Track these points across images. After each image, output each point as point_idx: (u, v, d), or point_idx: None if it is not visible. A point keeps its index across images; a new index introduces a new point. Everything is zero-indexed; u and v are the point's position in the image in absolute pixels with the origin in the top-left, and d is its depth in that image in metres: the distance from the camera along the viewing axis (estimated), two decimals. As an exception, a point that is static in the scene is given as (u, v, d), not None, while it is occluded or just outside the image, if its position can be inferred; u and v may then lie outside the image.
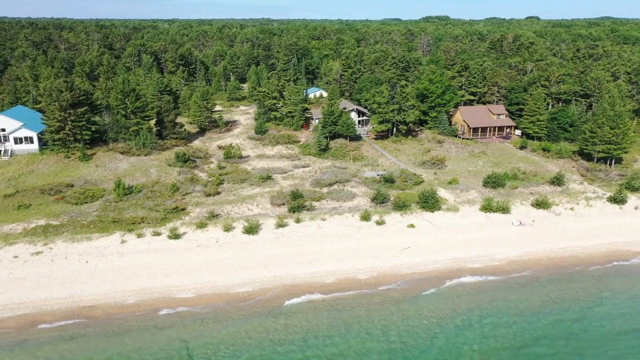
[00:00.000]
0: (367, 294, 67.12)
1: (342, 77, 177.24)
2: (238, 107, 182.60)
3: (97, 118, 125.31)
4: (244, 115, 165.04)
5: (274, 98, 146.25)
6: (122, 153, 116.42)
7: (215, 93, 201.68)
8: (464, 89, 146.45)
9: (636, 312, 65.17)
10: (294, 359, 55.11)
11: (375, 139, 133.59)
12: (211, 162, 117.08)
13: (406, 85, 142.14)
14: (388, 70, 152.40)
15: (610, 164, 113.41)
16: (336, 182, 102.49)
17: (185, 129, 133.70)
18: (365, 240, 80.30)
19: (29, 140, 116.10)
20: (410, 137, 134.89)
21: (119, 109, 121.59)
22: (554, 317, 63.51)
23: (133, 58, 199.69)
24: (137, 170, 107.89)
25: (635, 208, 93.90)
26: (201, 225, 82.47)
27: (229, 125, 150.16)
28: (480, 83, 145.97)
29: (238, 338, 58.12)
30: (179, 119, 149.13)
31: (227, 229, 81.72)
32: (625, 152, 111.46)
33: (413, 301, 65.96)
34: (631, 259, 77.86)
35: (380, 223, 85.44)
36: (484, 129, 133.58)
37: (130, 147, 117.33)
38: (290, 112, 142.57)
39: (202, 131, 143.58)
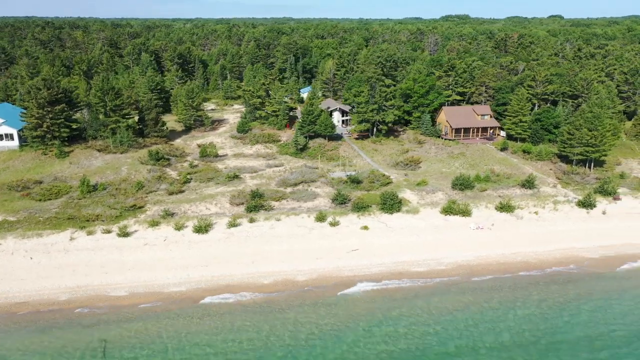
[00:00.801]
0: (299, 296, 66.37)
1: (335, 76, 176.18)
2: (232, 105, 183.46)
3: (78, 116, 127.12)
4: (235, 114, 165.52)
5: (259, 97, 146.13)
6: (99, 151, 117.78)
7: (212, 91, 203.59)
8: (451, 89, 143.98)
9: (562, 320, 62.87)
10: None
11: (357, 138, 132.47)
12: (186, 160, 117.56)
13: (393, 84, 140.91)
14: (375, 69, 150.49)
15: (589, 167, 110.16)
16: (302, 182, 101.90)
17: (167, 127, 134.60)
18: (315, 242, 79.63)
19: (10, 137, 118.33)
20: (392, 137, 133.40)
21: (98, 106, 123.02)
22: (466, 323, 61.81)
23: (132, 57, 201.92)
24: (109, 168, 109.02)
25: (603, 213, 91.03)
26: (153, 224, 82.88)
27: (215, 123, 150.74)
28: (468, 83, 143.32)
29: (155, 336, 58.10)
30: (167, 117, 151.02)
31: (178, 227, 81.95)
32: (603, 155, 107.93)
33: (331, 304, 64.98)
34: (583, 265, 75.27)
35: (334, 224, 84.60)
36: (467, 130, 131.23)
37: (108, 145, 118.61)
38: (274, 111, 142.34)
39: (187, 129, 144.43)
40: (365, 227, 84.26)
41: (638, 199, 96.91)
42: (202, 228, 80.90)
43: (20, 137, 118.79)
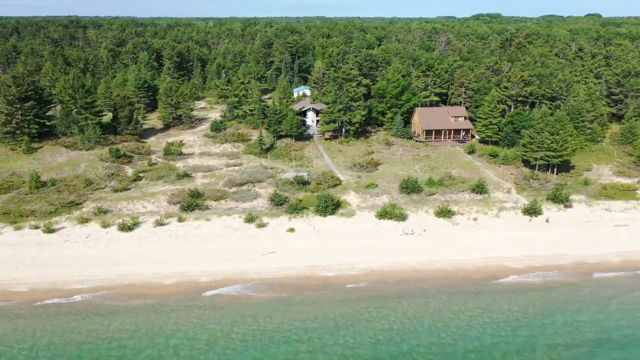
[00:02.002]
0: (192, 298, 66.07)
1: (324, 75, 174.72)
2: (224, 104, 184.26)
3: (52, 112, 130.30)
4: (221, 113, 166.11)
5: (236, 96, 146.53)
6: (66, 147, 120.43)
7: (208, 90, 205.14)
8: (429, 90, 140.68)
9: (452, 334, 60.33)
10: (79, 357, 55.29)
11: (327, 139, 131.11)
12: (150, 158, 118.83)
13: (370, 84, 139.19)
14: (352, 69, 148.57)
15: (553, 172, 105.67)
16: (249, 182, 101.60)
17: (141, 125, 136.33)
18: (235, 243, 79.19)
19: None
20: (363, 138, 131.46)
21: (69, 104, 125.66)
22: (333, 332, 60.23)
23: (129, 55, 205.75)
24: (69, 164, 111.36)
25: (547, 221, 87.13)
26: (83, 221, 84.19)
27: (196, 122, 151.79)
28: (446, 84, 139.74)
29: (35, 334, 58.86)
30: (154, 115, 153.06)
31: (105, 225, 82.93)
32: (562, 160, 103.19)
33: (220, 308, 64.46)
34: (503, 277, 72.20)
35: (260, 226, 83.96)
36: (438, 132, 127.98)
37: (75, 142, 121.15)
38: (251, 110, 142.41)
39: (167, 127, 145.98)
40: (291, 230, 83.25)
41: (591, 207, 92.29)
42: (126, 226, 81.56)
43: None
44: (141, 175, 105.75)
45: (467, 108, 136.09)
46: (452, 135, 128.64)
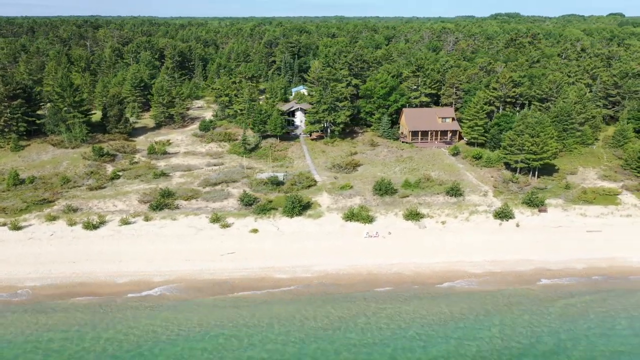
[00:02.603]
0: (136, 298, 66.16)
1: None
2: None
3: (42, 111, 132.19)
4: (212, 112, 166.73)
5: (226, 95, 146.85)
6: (54, 145, 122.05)
7: (207, 89, 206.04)
8: (420, 90, 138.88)
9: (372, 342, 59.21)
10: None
11: (313, 139, 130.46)
12: (133, 157, 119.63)
13: (363, 84, 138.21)
14: (341, 69, 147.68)
15: (534, 175, 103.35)
16: (223, 182, 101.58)
17: (131, 124, 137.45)
18: (197, 243, 79.19)
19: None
20: (350, 138, 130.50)
21: (58, 102, 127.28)
22: (268, 335, 59.76)
23: (131, 54, 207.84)
24: (52, 162, 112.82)
25: (517, 225, 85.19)
26: (51, 218, 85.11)
27: (187, 121, 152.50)
28: (436, 84, 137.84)
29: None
30: (147, 115, 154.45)
31: (72, 223, 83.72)
32: (544, 164, 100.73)
33: (159, 308, 64.42)
34: (459, 279, 70.74)
35: (225, 226, 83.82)
36: (425, 133, 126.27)
37: (62, 140, 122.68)
38: (241, 110, 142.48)
39: (158, 126, 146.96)
40: (255, 230, 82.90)
41: (567, 212, 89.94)
42: (91, 225, 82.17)
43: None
44: (119, 174, 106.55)
45: (457, 109, 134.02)
46: (439, 137, 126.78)
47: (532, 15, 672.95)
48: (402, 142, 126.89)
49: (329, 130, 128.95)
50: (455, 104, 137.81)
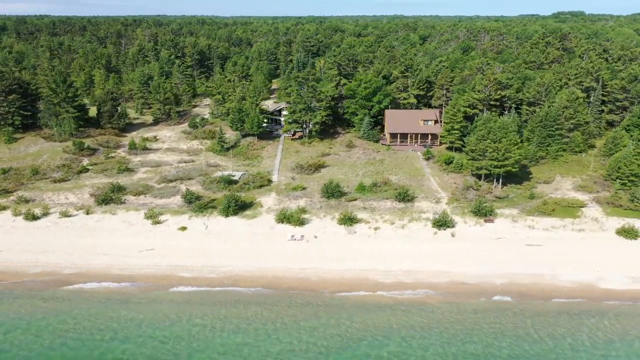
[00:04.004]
0: (36, 289, 68.22)
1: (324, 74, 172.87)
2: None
3: (39, 106, 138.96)
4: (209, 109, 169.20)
5: (219, 93, 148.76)
6: (45, 138, 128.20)
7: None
8: (408, 91, 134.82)
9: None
10: None
11: (295, 139, 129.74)
12: (115, 152, 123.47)
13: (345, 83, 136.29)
14: (330, 69, 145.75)
15: (497, 182, 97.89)
16: (179, 179, 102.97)
17: (124, 120, 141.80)
18: (123, 238, 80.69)
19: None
20: (331, 139, 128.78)
21: (52, 97, 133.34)
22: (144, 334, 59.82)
23: (151, 52, 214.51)
24: (35, 154, 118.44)
25: (452, 235, 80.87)
26: (1, 208, 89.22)
27: (184, 118, 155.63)
28: (424, 85, 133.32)
29: None
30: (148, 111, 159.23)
31: (17, 214, 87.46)
32: (504, 171, 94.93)
33: (55, 300, 66.04)
34: (363, 289, 68.03)
35: (156, 223, 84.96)
36: (404, 136, 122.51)
37: (53, 134, 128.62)
38: (232, 108, 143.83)
39: (156, 122, 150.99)
40: (183, 228, 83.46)
41: (516, 223, 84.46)
42: (31, 215, 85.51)
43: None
44: (89, 167, 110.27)
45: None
46: (419, 140, 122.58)
47: (599, 13, 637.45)
48: (382, 144, 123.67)
49: (307, 130, 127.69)
50: (445, 106, 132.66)
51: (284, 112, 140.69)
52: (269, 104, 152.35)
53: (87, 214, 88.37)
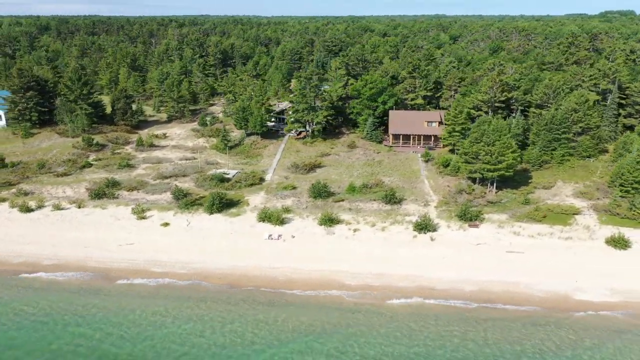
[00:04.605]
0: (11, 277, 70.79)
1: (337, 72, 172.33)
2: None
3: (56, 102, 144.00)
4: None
5: (230, 92, 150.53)
6: (59, 134, 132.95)
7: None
8: (416, 92, 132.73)
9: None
10: None
11: (299, 138, 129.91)
12: (123, 148, 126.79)
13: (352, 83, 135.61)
14: (338, 69, 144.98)
15: (492, 186, 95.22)
16: (174, 175, 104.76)
17: (137, 117, 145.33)
18: (106, 232, 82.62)
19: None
20: (334, 139, 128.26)
21: (67, 94, 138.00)
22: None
23: (175, 51, 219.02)
24: (47, 149, 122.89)
25: (431, 239, 79.11)
26: (0, 200, 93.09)
27: (196, 117, 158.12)
28: (432, 86, 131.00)
29: None
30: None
31: (13, 205, 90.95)
32: (498, 175, 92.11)
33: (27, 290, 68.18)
34: (328, 290, 67.61)
35: (141, 218, 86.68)
36: (406, 137, 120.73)
37: (67, 129, 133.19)
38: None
39: (169, 120, 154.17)
40: (166, 224, 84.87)
41: (501, 229, 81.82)
42: (24, 208, 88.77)
43: (7, 118, 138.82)
44: (92, 163, 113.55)
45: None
46: (421, 142, 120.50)
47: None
48: (385, 145, 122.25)
49: (310, 130, 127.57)
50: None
51: (291, 112, 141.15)
52: (285, 104, 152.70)
53: (79, 207, 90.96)
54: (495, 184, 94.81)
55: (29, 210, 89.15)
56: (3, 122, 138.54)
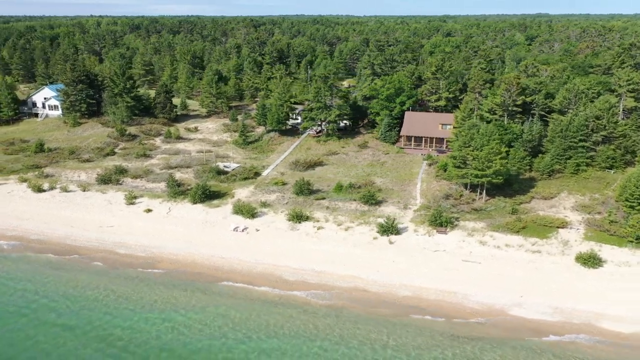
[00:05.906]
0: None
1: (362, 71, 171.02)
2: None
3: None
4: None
5: (263, 89, 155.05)
6: (102, 124, 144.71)
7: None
8: (439, 94, 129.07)
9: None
10: None
11: (316, 136, 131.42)
12: (152, 139, 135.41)
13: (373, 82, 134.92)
14: (364, 68, 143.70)
15: (481, 192, 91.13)
16: (178, 166, 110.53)
17: (175, 110, 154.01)
18: (94, 214, 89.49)
19: (56, 107, 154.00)
20: (349, 138, 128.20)
21: (112, 87, 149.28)
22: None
23: (234, 49, 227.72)
24: (84, 138, 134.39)
25: (390, 242, 77.59)
26: (22, 180, 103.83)
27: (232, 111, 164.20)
28: (454, 87, 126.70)
29: None
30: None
31: (31, 186, 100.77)
32: (486, 181, 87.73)
33: None
34: (263, 284, 68.88)
35: (130, 204, 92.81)
36: (418, 139, 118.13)
37: (109, 120, 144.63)
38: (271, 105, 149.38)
39: (208, 115, 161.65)
40: (149, 210, 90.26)
41: (469, 237, 78.27)
42: (36, 188, 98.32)
43: (62, 109, 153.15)
44: (117, 151, 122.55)
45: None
46: (434, 144, 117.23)
47: None
48: (398, 146, 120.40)
49: (325, 129, 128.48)
50: (476, 111, 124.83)
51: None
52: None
53: (84, 191, 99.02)
54: (485, 191, 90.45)
55: (40, 190, 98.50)
56: (60, 112, 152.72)
